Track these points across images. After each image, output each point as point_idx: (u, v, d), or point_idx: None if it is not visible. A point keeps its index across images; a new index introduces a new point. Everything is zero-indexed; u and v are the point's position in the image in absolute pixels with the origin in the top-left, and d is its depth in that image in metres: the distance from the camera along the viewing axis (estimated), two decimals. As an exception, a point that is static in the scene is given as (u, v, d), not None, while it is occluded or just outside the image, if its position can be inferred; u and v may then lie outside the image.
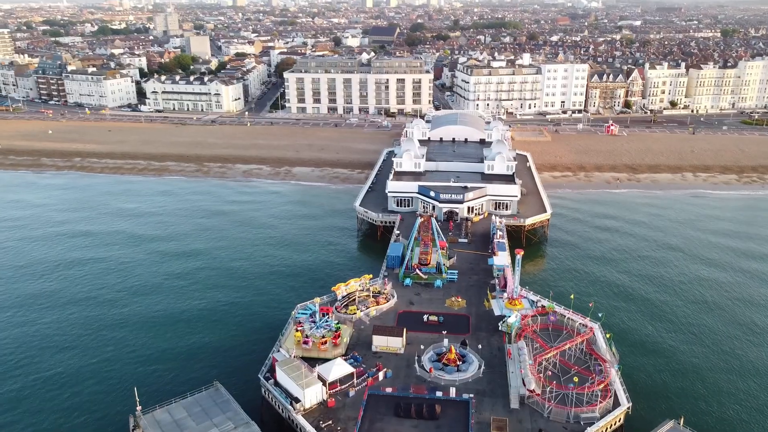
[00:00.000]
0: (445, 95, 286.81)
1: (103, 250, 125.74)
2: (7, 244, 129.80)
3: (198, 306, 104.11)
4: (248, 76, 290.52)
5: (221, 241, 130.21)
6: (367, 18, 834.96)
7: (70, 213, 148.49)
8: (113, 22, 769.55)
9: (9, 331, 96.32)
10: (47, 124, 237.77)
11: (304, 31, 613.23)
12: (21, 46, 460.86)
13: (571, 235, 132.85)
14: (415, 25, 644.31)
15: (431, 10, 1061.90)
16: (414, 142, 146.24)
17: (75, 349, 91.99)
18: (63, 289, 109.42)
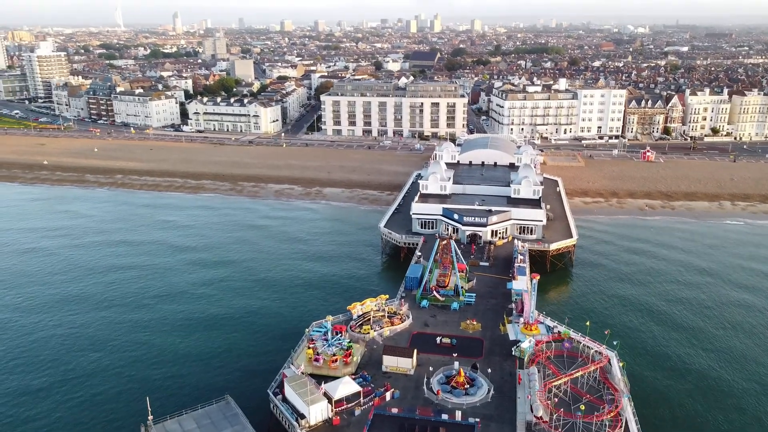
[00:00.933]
0: (480, 119, 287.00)
1: (138, 258, 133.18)
2: (55, 250, 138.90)
3: (221, 314, 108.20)
4: (287, 98, 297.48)
5: (246, 254, 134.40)
6: (410, 43, 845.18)
7: (110, 224, 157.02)
8: (165, 46, 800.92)
9: (45, 331, 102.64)
10: (94, 143, 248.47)
11: (347, 55, 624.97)
12: (77, 68, 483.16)
13: (597, 262, 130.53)
14: (456, 50, 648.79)
15: (474, 35, 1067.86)
16: (440, 165, 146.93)
17: (101, 351, 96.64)
18: (98, 293, 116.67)
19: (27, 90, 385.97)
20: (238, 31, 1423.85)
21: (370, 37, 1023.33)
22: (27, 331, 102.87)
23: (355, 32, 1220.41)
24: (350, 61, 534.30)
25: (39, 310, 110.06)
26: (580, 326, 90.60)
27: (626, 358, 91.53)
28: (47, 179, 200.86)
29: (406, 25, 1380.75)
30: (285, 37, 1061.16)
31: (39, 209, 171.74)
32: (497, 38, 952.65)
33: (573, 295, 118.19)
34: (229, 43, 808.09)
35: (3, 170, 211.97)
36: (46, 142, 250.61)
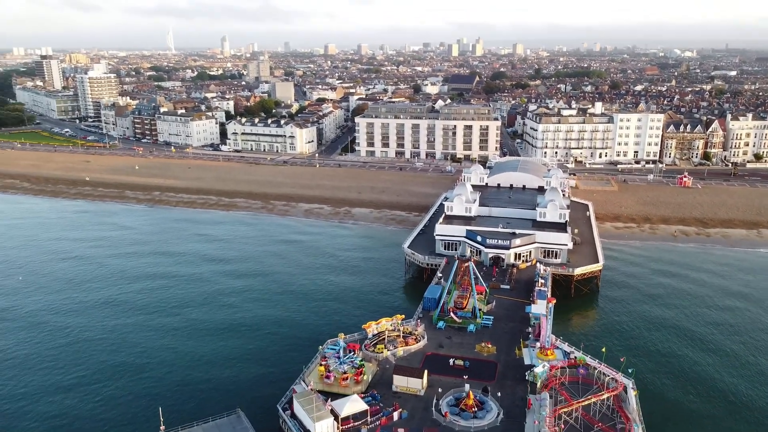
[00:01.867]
0: (515, 142, 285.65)
1: (169, 268, 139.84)
2: (93, 259, 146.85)
3: (242, 324, 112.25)
4: (323, 120, 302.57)
5: (268, 271, 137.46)
6: (450, 66, 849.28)
7: (145, 237, 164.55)
8: (212, 68, 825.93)
9: (77, 334, 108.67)
10: (136, 160, 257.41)
11: (387, 78, 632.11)
12: (127, 89, 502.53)
13: (624, 288, 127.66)
14: (496, 74, 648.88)
15: (516, 59, 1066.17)
16: (466, 187, 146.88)
17: (124, 354, 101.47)
18: (130, 300, 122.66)
19: (78, 110, 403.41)
20: (283, 54, 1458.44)
21: (412, 60, 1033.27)
22: (62, 332, 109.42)
23: (396, 56, 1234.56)
24: (389, 84, 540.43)
25: (75, 313, 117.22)
26: (598, 352, 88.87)
27: (647, 386, 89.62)
28: (89, 195, 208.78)
29: (448, 49, 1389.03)
30: (328, 60, 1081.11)
31: (80, 222, 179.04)
32: (539, 62, 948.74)
33: (596, 321, 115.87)
34: (273, 65, 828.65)
35: (49, 185, 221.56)
36: (91, 160, 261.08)
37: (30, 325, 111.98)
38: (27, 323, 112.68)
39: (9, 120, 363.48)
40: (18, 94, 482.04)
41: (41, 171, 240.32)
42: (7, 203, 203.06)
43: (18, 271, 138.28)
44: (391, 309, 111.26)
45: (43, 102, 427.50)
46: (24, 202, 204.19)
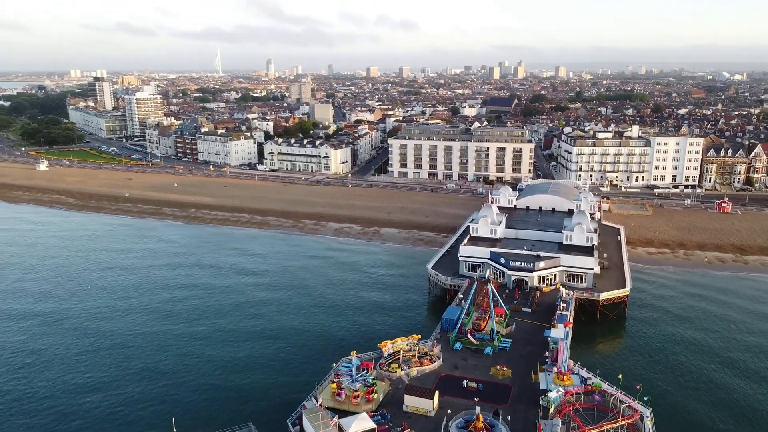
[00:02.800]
0: (550, 165, 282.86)
1: (199, 280, 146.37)
2: (131, 270, 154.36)
3: (264, 334, 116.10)
4: (359, 141, 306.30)
5: (290, 287, 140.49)
6: (490, 89, 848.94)
7: (179, 250, 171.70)
8: (255, 90, 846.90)
9: (110, 339, 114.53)
10: (175, 178, 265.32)
11: (426, 100, 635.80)
12: (174, 110, 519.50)
13: (652, 315, 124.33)
14: (536, 96, 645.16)
15: (558, 82, 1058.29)
16: (492, 209, 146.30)
17: (148, 358, 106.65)
18: (160, 307, 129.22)
19: (125, 129, 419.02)
20: (326, 76, 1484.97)
21: (452, 83, 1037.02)
22: (96, 335, 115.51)
23: (437, 78, 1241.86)
24: (428, 106, 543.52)
25: (108, 319, 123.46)
26: (617, 379, 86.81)
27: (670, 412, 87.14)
28: (129, 211, 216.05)
29: (489, 72, 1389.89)
30: (369, 82, 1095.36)
31: (119, 236, 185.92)
32: (581, 85, 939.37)
33: (620, 348, 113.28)
34: (314, 88, 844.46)
35: (92, 201, 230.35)
36: (133, 177, 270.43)
37: (69, 328, 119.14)
38: (68, 326, 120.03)
39: (60, 138, 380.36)
40: (71, 114, 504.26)
41: (86, 187, 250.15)
42: (54, 217, 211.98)
43: (65, 279, 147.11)
44: (411, 328, 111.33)
45: (93, 121, 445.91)
46: (68, 216, 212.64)
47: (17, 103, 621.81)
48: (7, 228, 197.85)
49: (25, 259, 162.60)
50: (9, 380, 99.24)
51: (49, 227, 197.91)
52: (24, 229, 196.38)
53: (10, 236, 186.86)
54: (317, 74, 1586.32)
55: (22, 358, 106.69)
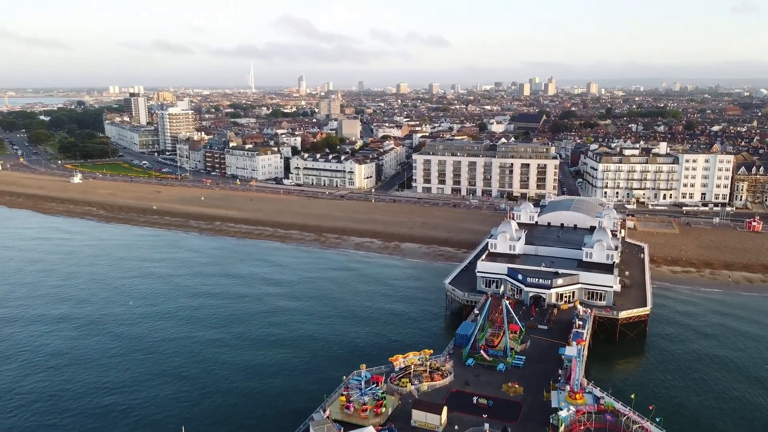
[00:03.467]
0: (576, 182, 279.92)
1: (221, 289, 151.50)
2: (157, 278, 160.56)
3: (280, 341, 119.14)
4: (384, 156, 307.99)
5: (307, 299, 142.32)
6: (520, 106, 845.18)
7: (203, 260, 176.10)
8: (286, 106, 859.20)
9: (132, 343, 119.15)
10: (202, 192, 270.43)
11: (454, 117, 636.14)
12: (206, 125, 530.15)
13: (674, 335, 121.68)
14: (565, 113, 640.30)
15: (589, 98, 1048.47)
16: (511, 225, 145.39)
17: (166, 363, 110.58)
18: (183, 313, 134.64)
19: (158, 143, 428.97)
20: (356, 93, 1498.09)
21: (482, 99, 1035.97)
22: (120, 339, 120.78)
23: (467, 95, 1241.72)
24: (455, 123, 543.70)
25: (131, 324, 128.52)
26: (629, 399, 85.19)
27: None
28: (156, 223, 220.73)
29: (520, 89, 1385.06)
30: (399, 99, 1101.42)
31: (146, 247, 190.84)
32: (612, 101, 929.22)
33: (638, 367, 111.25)
34: (344, 104, 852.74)
35: (122, 213, 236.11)
36: (162, 190, 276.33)
37: (95, 332, 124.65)
38: (94, 330, 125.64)
39: (95, 152, 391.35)
40: (107, 129, 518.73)
41: (116, 200, 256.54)
42: (85, 228, 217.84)
43: (98, 286, 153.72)
44: (426, 343, 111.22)
45: (127, 136, 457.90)
46: (98, 227, 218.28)
47: (57, 118, 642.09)
48: (44, 237, 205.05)
49: (64, 267, 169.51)
50: (42, 379, 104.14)
51: (80, 237, 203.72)
52: (57, 238, 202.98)
53: (47, 245, 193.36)
54: (348, 90, 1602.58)
55: (55, 359, 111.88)
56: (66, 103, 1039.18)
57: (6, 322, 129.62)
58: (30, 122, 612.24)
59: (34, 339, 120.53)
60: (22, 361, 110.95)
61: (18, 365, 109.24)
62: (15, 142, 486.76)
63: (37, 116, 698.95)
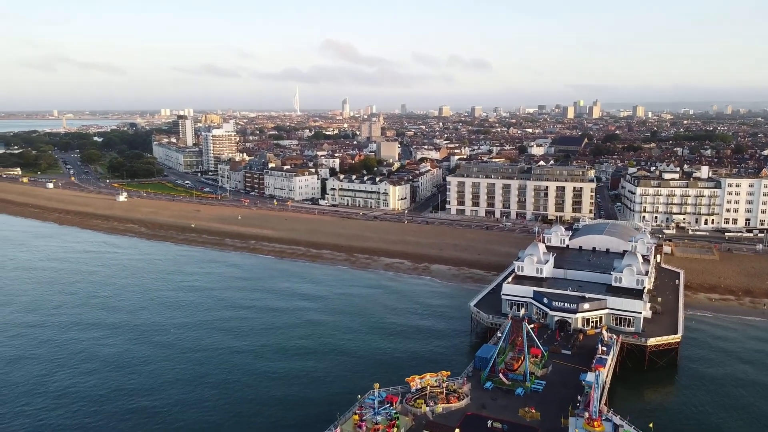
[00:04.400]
0: (615, 206, 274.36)
1: (253, 303, 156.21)
2: (194, 291, 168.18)
3: (304, 355, 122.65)
4: (419, 178, 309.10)
5: (331, 317, 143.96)
6: (562, 129, 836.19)
7: (237, 276, 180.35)
8: (328, 128, 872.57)
9: (163, 349, 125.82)
10: (239, 211, 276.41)
11: (494, 139, 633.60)
12: (249, 146, 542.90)
13: (707, 365, 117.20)
14: (608, 136, 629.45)
15: (635, 121, 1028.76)
16: (538, 248, 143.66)
17: (189, 371, 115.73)
18: (215, 323, 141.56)
19: (201, 164, 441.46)
20: (399, 116, 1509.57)
21: (524, 122, 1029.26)
22: (157, 346, 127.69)
23: (509, 118, 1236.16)
24: (495, 145, 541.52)
25: (162, 332, 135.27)
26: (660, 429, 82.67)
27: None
28: (193, 241, 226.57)
29: (564, 112, 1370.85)
30: (440, 121, 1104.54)
31: (183, 262, 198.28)
32: (659, 124, 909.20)
33: (665, 396, 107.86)
34: (386, 126, 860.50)
35: (162, 231, 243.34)
36: (201, 209, 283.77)
37: (138, 340, 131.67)
38: (137, 337, 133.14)
39: (141, 171, 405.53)
40: (154, 149, 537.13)
41: (158, 218, 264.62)
42: (126, 244, 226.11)
43: (141, 298, 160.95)
44: (447, 364, 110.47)
45: (173, 156, 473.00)
46: (138, 244, 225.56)
47: (109, 139, 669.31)
48: (94, 251, 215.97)
49: (104, 279, 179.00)
50: (82, 381, 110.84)
51: (121, 253, 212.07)
52: (100, 252, 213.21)
53: (91, 259, 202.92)
54: (390, 113, 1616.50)
55: (97, 363, 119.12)
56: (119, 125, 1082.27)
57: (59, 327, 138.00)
58: (84, 143, 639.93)
59: (90, 345, 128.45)
60: (71, 362, 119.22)
61: (67, 368, 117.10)
62: (69, 162, 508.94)
63: (91, 137, 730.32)
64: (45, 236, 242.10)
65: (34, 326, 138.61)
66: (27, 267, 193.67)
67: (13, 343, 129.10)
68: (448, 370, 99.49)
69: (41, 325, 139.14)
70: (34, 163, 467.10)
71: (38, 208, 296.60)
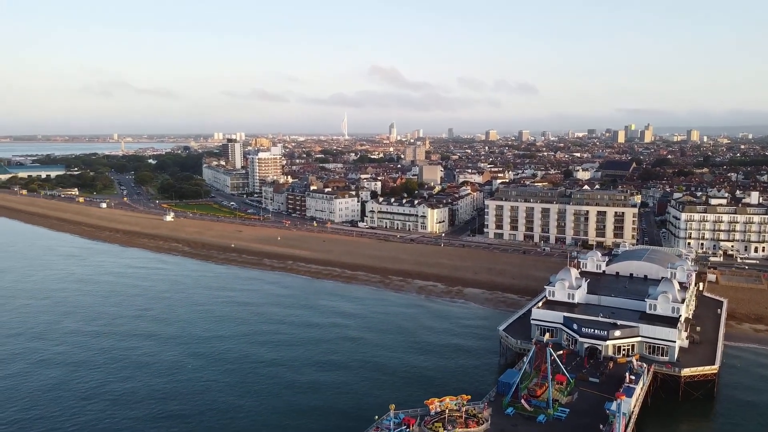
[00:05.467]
0: (660, 232, 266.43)
1: (285, 318, 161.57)
2: (233, 307, 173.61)
3: (329, 369, 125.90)
4: (459, 201, 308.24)
5: (354, 341, 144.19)
6: (612, 153, 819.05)
7: (272, 293, 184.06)
8: (374, 152, 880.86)
9: (198, 360, 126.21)
10: (280, 232, 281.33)
11: (540, 163, 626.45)
12: (295, 169, 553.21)
13: (749, 400, 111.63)
14: (659, 160, 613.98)
15: (688, 146, 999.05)
16: (570, 273, 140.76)
17: (219, 381, 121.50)
18: (247, 336, 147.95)
19: (247, 186, 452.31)
20: (445, 140, 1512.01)
21: (572, 146, 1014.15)
22: (196, 357, 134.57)
23: (557, 142, 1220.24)
24: (540, 169, 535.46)
25: (208, 341, 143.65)
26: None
27: None
28: (233, 260, 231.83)
29: (614, 136, 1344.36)
30: (486, 145, 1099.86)
31: (221, 280, 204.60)
32: (714, 149, 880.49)
33: (697, 428, 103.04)
34: (431, 150, 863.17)
35: (203, 250, 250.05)
36: (243, 230, 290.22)
37: (176, 348, 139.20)
38: (175, 347, 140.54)
39: (189, 193, 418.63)
40: (204, 172, 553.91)
41: (201, 237, 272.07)
42: (169, 260, 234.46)
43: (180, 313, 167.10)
44: (471, 388, 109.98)
45: (220, 178, 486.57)
46: (181, 262, 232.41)
47: (162, 162, 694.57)
48: (142, 267, 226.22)
49: (168, 294, 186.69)
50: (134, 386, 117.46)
51: (167, 270, 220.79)
52: (149, 268, 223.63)
53: (145, 275, 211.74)
54: (437, 137, 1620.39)
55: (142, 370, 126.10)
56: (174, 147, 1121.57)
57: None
58: (139, 165, 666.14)
59: (143, 354, 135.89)
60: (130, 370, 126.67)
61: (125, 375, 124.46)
62: (123, 183, 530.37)
63: (146, 160, 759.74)
64: (98, 252, 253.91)
65: (97, 335, 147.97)
66: (85, 280, 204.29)
67: (75, 350, 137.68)
68: (473, 394, 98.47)
69: (102, 335, 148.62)
70: (91, 184, 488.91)
71: (91, 227, 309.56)
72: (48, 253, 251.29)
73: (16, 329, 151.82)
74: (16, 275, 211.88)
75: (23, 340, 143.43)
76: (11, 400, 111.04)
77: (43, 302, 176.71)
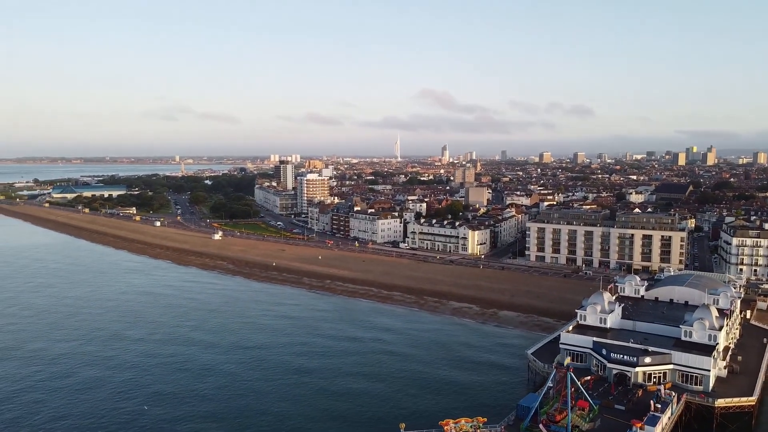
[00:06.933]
0: (713, 257, 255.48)
1: (313, 337, 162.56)
2: (271, 320, 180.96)
3: (355, 390, 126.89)
4: (502, 223, 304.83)
5: (384, 359, 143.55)
6: (670, 176, 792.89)
7: (306, 311, 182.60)
8: (424, 174, 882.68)
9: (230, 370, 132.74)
10: (321, 252, 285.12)
11: (592, 186, 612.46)
12: (344, 191, 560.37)
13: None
14: (719, 183, 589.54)
15: (754, 169, 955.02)
16: (602, 296, 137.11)
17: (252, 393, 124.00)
18: (282, 349, 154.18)
19: (295, 206, 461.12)
20: (498, 162, 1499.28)
21: (629, 169, 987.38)
22: (244, 365, 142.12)
23: (614, 164, 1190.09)
24: (592, 192, 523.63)
25: (248, 349, 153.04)
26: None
27: None
28: (274, 278, 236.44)
29: (674, 158, 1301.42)
30: (539, 168, 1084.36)
31: (258, 296, 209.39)
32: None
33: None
34: (482, 172, 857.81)
35: (246, 268, 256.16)
36: (286, 249, 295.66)
37: (242, 357, 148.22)
38: (225, 356, 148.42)
39: (239, 212, 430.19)
40: (255, 192, 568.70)
41: (245, 256, 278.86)
42: (213, 278, 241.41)
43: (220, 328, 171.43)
44: (492, 411, 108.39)
45: (270, 199, 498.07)
46: (224, 279, 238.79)
47: (217, 182, 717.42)
48: (192, 281, 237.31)
49: (215, 307, 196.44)
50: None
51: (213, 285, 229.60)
52: (196, 283, 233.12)
53: (196, 291, 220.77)
54: (490, 159, 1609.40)
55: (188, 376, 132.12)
56: (230, 169, 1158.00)
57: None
58: (195, 185, 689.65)
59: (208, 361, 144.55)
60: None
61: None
62: (179, 203, 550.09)
63: (203, 180, 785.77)
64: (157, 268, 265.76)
65: (163, 342, 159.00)
66: (147, 292, 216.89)
67: (141, 359, 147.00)
68: (496, 417, 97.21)
69: (164, 342, 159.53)
70: (148, 203, 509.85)
71: (144, 244, 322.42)
72: (113, 269, 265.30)
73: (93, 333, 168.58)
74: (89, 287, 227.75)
75: (99, 343, 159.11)
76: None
77: (108, 312, 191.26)
